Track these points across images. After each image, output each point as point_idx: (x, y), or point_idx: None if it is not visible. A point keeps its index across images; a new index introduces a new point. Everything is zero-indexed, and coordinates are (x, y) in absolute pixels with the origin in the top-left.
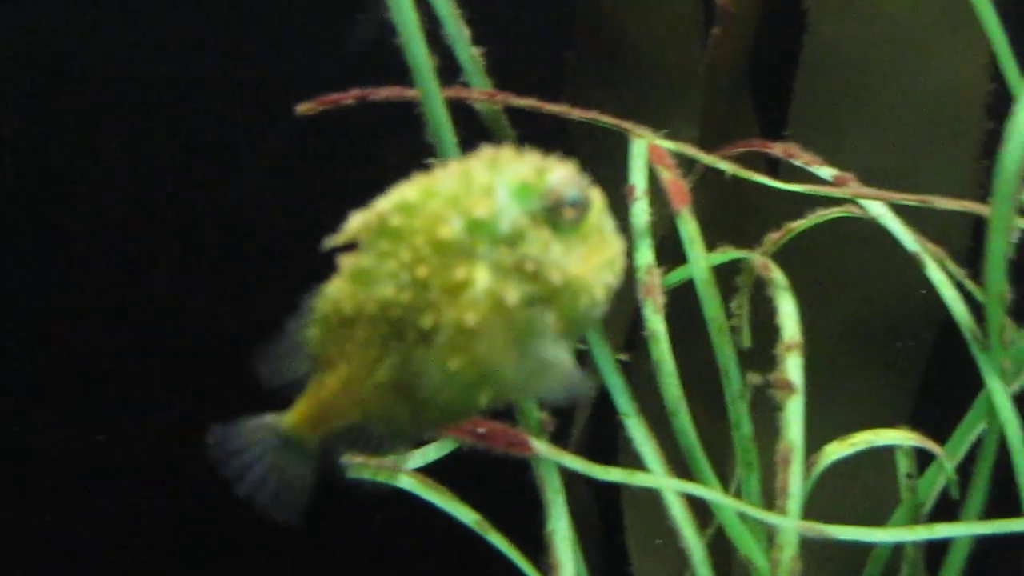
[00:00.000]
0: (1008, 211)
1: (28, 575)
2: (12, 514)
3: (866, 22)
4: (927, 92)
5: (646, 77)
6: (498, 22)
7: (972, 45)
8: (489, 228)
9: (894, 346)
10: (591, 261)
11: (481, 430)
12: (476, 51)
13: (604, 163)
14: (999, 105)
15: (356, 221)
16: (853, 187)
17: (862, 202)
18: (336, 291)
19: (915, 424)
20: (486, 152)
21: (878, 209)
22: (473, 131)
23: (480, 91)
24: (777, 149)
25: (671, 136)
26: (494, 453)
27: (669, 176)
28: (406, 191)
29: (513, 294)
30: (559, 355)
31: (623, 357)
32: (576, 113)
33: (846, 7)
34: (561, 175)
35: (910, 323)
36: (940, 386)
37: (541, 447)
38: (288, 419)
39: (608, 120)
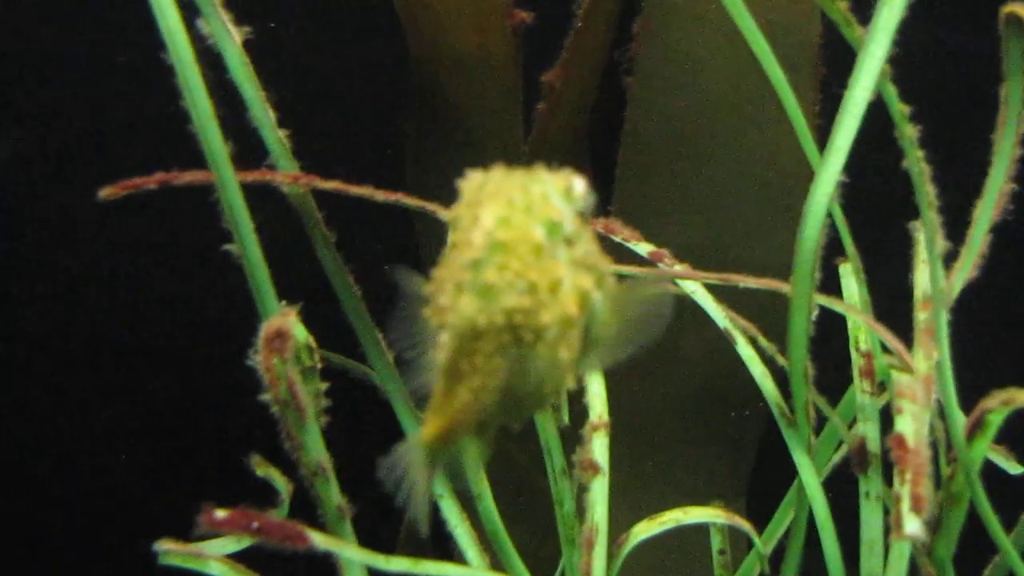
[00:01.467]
0: (807, 289)
1: None
2: None
3: (686, 95)
4: (751, 163)
5: (476, 147)
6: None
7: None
8: (560, 230)
9: (728, 417)
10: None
11: (256, 524)
12: (282, 134)
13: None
14: None
15: (478, 239)
16: (664, 267)
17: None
18: (468, 308)
19: (756, 492)
20: (501, 170)
21: (691, 285)
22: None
23: (285, 174)
24: (598, 225)
25: None
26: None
27: None
28: (493, 206)
29: (588, 282)
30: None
31: None
32: (380, 195)
33: (666, 81)
34: (580, 182)
35: (743, 393)
36: (778, 454)
37: (317, 538)
38: (426, 435)
39: (411, 202)
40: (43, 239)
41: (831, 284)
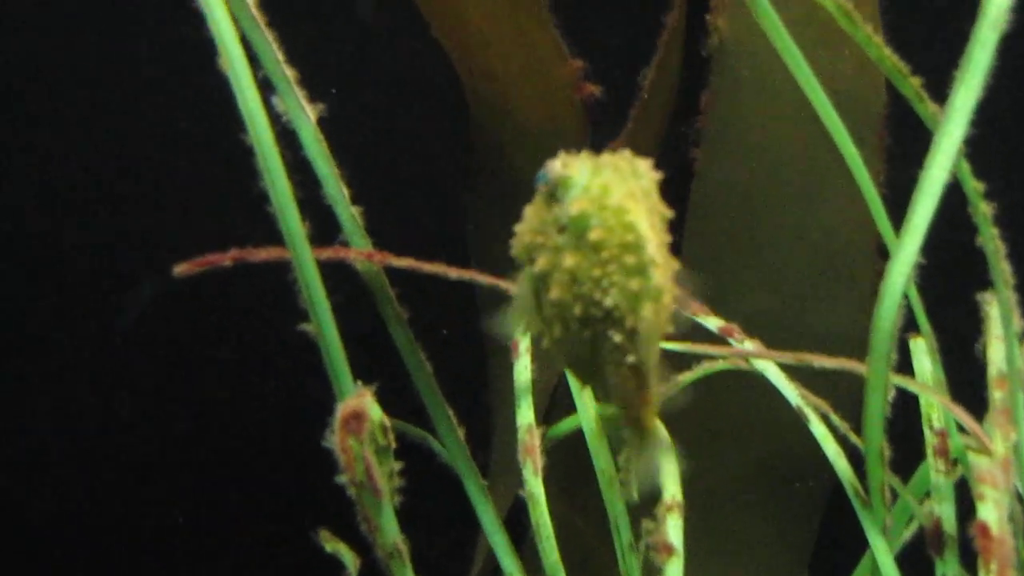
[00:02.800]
0: (883, 370)
1: None
2: None
3: (752, 166)
4: (816, 234)
5: None
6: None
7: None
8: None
9: (791, 489)
10: None
11: None
12: (355, 210)
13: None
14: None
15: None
16: (736, 345)
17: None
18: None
19: (817, 569)
20: (563, 158)
21: (753, 351)
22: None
23: (359, 251)
24: None
25: None
26: None
27: None
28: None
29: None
30: None
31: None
32: (453, 272)
33: (732, 153)
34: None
35: (806, 464)
36: (841, 527)
37: None
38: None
39: (483, 279)
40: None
41: (901, 358)
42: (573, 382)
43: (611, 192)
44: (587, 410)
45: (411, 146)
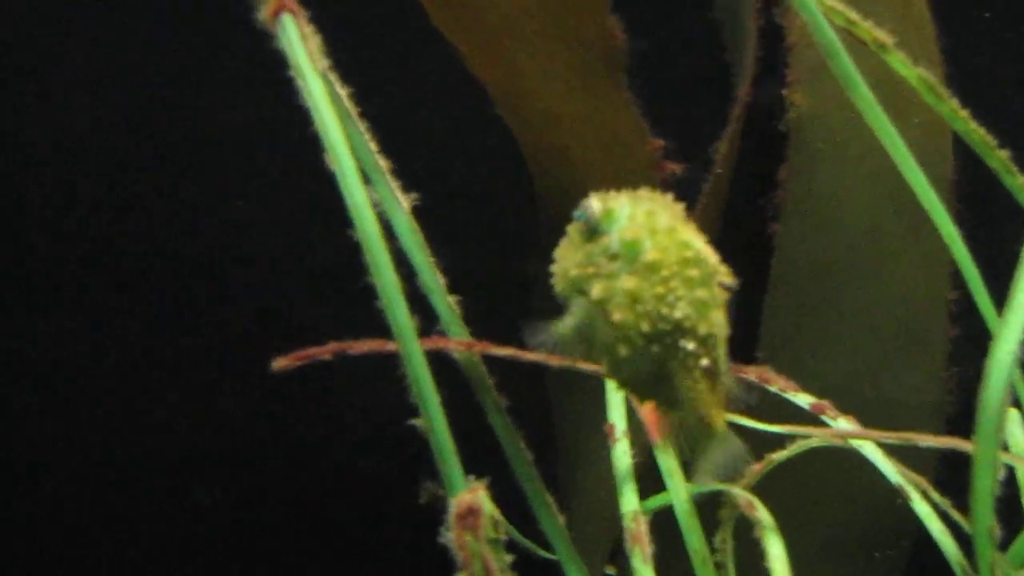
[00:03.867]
0: (992, 449)
1: None
2: None
3: (829, 236)
4: (889, 302)
5: None
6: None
7: (933, 253)
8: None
9: (873, 557)
10: None
11: None
12: (452, 300)
13: (589, 403)
14: (963, 313)
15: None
16: (833, 424)
17: (839, 426)
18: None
19: None
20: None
21: (850, 431)
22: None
23: (458, 341)
24: (751, 374)
25: None
26: None
27: (645, 408)
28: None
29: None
30: None
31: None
32: (555, 361)
33: (810, 224)
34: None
35: (889, 532)
36: None
37: None
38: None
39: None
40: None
41: None
42: (663, 462)
43: (656, 217)
44: (679, 490)
45: (478, 211)
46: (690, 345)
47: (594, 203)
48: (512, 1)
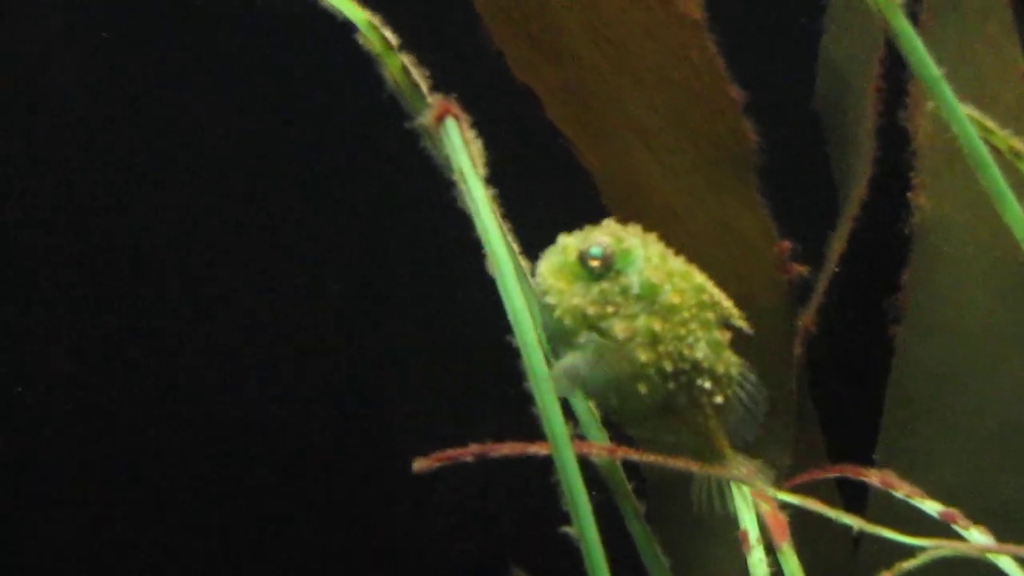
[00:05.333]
0: None
1: None
2: None
3: (949, 338)
4: (1002, 404)
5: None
6: None
7: None
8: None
9: None
10: None
11: None
12: (592, 404)
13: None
14: None
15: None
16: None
17: (966, 534)
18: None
19: None
20: (610, 225)
21: (985, 544)
22: None
23: (600, 446)
24: (873, 478)
25: (765, 466)
26: None
27: (768, 509)
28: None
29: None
30: None
31: None
32: (695, 467)
33: (931, 327)
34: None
35: None
36: None
37: None
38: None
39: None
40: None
41: None
42: (787, 565)
43: (667, 259)
44: None
45: None
46: (707, 384)
47: (606, 240)
48: (637, 99)
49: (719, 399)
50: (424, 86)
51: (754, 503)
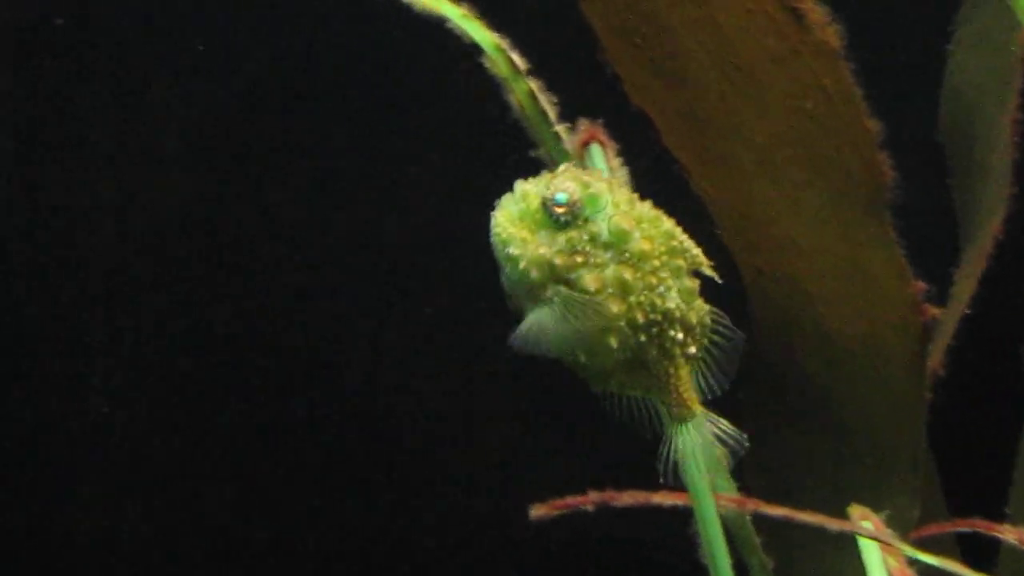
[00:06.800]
0: None
1: None
2: None
3: None
4: None
5: (853, 449)
6: None
7: None
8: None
9: None
10: None
11: None
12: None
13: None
14: None
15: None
16: None
17: None
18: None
19: None
20: (570, 169)
21: None
22: None
23: (729, 498)
24: (1008, 534)
25: (893, 517)
26: None
27: (895, 565)
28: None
29: None
30: None
31: None
32: (802, 517)
33: None
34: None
35: None
36: None
37: None
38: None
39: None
40: None
41: None
42: None
43: (635, 204)
44: None
45: None
46: (679, 335)
47: (572, 186)
48: (762, 129)
49: (692, 349)
50: (552, 113)
51: (883, 558)
